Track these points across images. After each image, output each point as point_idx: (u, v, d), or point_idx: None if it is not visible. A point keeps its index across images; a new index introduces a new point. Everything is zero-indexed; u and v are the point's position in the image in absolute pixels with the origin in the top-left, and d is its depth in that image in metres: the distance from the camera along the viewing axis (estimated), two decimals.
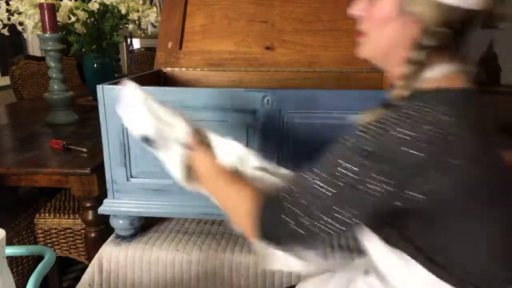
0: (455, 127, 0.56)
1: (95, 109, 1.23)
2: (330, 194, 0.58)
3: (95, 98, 1.34)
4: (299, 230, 0.60)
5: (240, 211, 0.69)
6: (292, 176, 0.69)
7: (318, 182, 0.59)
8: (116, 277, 1.20)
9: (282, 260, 0.78)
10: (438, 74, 0.63)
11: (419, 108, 0.57)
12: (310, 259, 0.76)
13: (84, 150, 1.37)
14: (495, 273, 0.62)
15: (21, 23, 1.89)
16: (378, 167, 0.56)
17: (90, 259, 1.28)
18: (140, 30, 2.28)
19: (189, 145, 0.77)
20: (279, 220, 0.61)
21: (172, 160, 0.79)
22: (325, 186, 0.59)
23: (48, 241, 1.57)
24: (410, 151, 0.55)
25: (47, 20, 1.65)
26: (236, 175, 0.74)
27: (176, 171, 0.79)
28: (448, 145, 0.55)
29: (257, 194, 0.67)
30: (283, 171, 0.79)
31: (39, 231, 1.57)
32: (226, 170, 0.75)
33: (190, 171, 0.79)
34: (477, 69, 0.67)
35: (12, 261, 1.47)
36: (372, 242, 0.70)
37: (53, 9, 1.66)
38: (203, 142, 0.79)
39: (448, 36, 0.61)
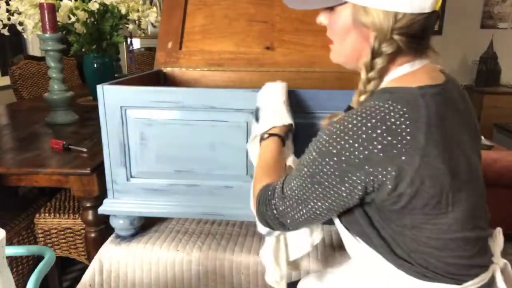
0: (405, 124, 0.60)
1: (95, 109, 1.23)
2: (305, 191, 0.67)
3: (95, 98, 1.35)
4: (283, 220, 0.72)
5: (252, 200, 0.80)
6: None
7: (296, 181, 0.68)
8: (116, 277, 1.20)
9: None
10: (397, 75, 0.68)
11: (372, 107, 0.62)
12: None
13: (84, 150, 1.37)
14: (452, 263, 0.67)
15: (21, 23, 1.89)
16: (338, 165, 0.62)
17: (90, 259, 1.28)
18: (140, 30, 2.27)
19: (272, 132, 0.89)
20: (268, 212, 0.73)
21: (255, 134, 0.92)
22: (301, 185, 0.67)
23: (48, 241, 1.57)
24: (365, 146, 0.60)
25: (47, 20, 1.65)
26: (277, 169, 0.82)
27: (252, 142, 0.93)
28: (398, 141, 0.59)
29: (263, 187, 0.76)
30: None
31: (39, 231, 1.57)
32: (275, 162, 0.84)
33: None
34: (441, 66, 0.73)
35: (12, 261, 1.47)
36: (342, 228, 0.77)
37: (53, 9, 1.66)
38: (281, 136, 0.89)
39: (403, 42, 0.65)
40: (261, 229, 0.87)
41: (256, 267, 1.15)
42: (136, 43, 3.89)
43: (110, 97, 1.08)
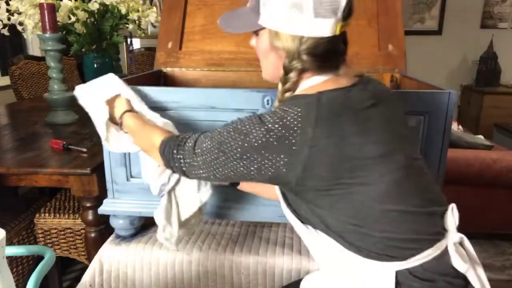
0: (297, 121, 0.72)
1: None
2: (211, 154, 0.78)
3: None
4: (186, 170, 0.84)
5: (152, 147, 0.90)
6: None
7: (207, 144, 0.80)
8: (116, 277, 1.20)
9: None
10: (305, 86, 0.80)
11: (278, 108, 0.75)
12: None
13: (84, 150, 1.37)
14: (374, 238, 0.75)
15: (21, 23, 1.89)
16: (241, 143, 0.75)
17: (90, 259, 1.28)
18: (140, 30, 2.27)
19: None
20: (173, 155, 0.84)
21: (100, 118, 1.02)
22: (210, 148, 0.79)
23: (48, 241, 1.57)
24: (264, 134, 0.73)
25: (47, 20, 1.65)
26: (151, 126, 0.96)
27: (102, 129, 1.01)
28: (290, 134, 0.72)
29: (165, 136, 0.88)
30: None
31: (39, 231, 1.57)
32: (145, 124, 0.96)
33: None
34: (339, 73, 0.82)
35: (12, 261, 1.47)
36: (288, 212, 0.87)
37: (53, 9, 1.66)
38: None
39: (309, 60, 0.77)
40: (153, 190, 1.02)
41: (256, 267, 1.15)
42: (136, 43, 3.89)
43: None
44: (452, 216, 0.80)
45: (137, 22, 2.16)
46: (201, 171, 0.81)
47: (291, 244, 1.21)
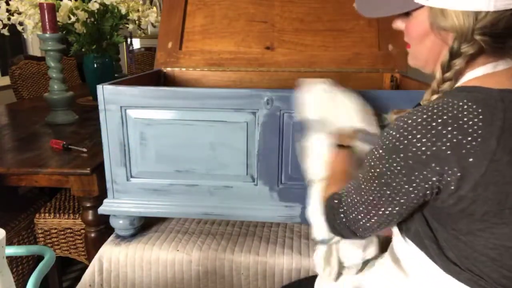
0: (478, 125, 0.56)
1: (95, 109, 1.23)
2: (373, 194, 0.64)
3: (95, 98, 1.34)
4: (353, 228, 0.70)
5: (322, 203, 0.79)
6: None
7: (364, 185, 0.66)
8: (116, 277, 1.20)
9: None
10: (476, 75, 0.64)
11: (445, 103, 0.58)
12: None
13: (84, 150, 1.37)
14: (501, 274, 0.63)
15: (21, 23, 1.89)
16: (404, 162, 0.59)
17: (90, 259, 1.28)
18: (140, 30, 2.28)
19: (338, 140, 0.89)
20: (337, 220, 0.72)
21: (318, 144, 0.91)
22: (367, 189, 0.65)
23: (48, 241, 1.57)
24: (433, 142, 0.56)
25: (47, 20, 1.65)
26: (344, 178, 0.81)
27: (316, 154, 0.91)
28: (468, 141, 0.56)
29: (330, 195, 0.75)
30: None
31: (39, 231, 1.57)
32: (344, 172, 0.83)
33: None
34: None
35: (12, 261, 1.47)
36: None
37: (53, 9, 1.66)
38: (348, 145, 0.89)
39: (487, 42, 0.61)
40: (317, 235, 0.88)
41: (256, 267, 1.15)
42: (136, 43, 3.90)
43: (110, 97, 1.08)
44: None
45: (137, 22, 2.16)
46: (368, 220, 0.67)
47: (291, 244, 1.21)
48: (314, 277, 0.99)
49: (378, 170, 0.62)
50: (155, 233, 1.26)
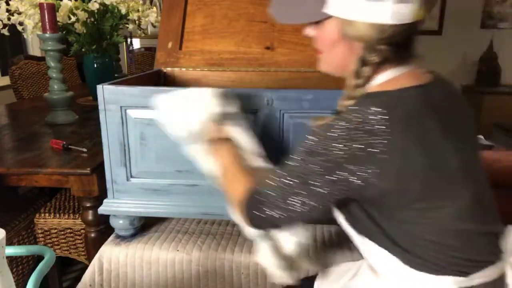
0: (385, 125, 0.63)
1: (95, 109, 1.23)
2: (293, 186, 0.68)
3: (95, 98, 1.34)
4: (273, 220, 0.72)
5: (234, 202, 0.81)
6: (271, 170, 0.79)
7: (285, 180, 0.70)
8: (116, 277, 1.20)
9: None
10: (381, 80, 0.71)
11: (354, 111, 0.65)
12: (298, 234, 0.91)
13: (84, 150, 1.37)
14: (447, 257, 0.69)
15: (21, 23, 1.89)
16: (324, 163, 0.65)
17: (90, 259, 1.28)
18: (140, 30, 2.28)
19: (211, 138, 0.90)
20: (257, 211, 0.73)
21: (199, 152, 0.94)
22: (289, 181, 0.69)
23: (48, 241, 1.57)
24: (348, 146, 0.63)
25: (47, 20, 1.65)
26: (242, 168, 0.85)
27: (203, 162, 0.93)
28: (379, 141, 0.62)
29: (245, 188, 0.77)
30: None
31: (39, 231, 1.57)
32: (237, 162, 0.86)
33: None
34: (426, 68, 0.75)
35: (12, 261, 1.47)
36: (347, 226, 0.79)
37: (53, 9, 1.66)
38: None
39: (389, 51, 0.68)
40: (250, 233, 0.89)
41: (256, 267, 1.15)
42: (136, 43, 3.89)
43: (110, 97, 1.08)
44: (510, 237, 0.75)
45: (137, 22, 2.16)
46: (286, 213, 0.71)
47: None
48: (314, 277, 0.99)
49: (300, 169, 0.67)
50: (155, 233, 1.26)
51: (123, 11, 2.00)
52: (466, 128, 0.74)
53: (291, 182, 0.69)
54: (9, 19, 1.85)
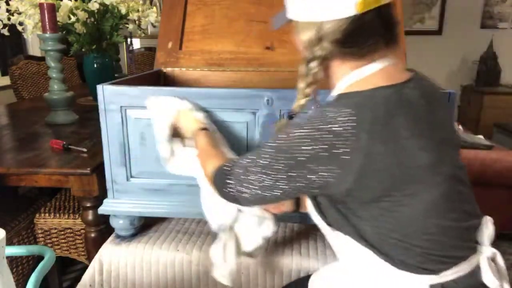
0: (351, 126, 0.64)
1: (95, 109, 1.23)
2: (257, 177, 0.72)
3: (95, 98, 1.34)
4: (238, 197, 0.77)
5: (207, 176, 0.86)
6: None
7: (252, 166, 0.73)
8: (116, 277, 1.20)
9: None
10: (351, 81, 0.71)
11: (321, 112, 0.67)
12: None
13: (84, 150, 1.37)
14: (415, 251, 0.69)
15: (21, 23, 1.89)
16: (287, 160, 0.68)
17: (90, 259, 1.28)
18: (140, 30, 2.27)
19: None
20: (224, 184, 0.78)
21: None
22: (255, 173, 0.72)
23: (48, 241, 1.57)
24: (312, 146, 0.65)
25: (47, 20, 1.65)
26: (216, 149, 0.92)
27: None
28: (342, 142, 0.64)
29: (217, 164, 0.82)
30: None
31: (39, 231, 1.57)
32: (213, 148, 0.92)
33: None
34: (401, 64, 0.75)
35: (12, 261, 1.47)
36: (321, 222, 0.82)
37: (53, 9, 1.66)
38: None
39: (336, 47, 0.69)
40: (213, 226, 0.98)
41: (256, 267, 1.15)
42: (136, 43, 3.89)
43: (110, 97, 1.08)
44: (487, 230, 0.76)
45: (137, 22, 2.16)
46: (250, 194, 0.74)
47: (291, 244, 1.21)
48: (308, 277, 0.99)
49: (264, 162, 0.71)
50: (155, 233, 1.26)
51: (123, 11, 2.00)
52: (442, 126, 0.74)
53: (260, 173, 0.71)
54: (9, 19, 1.85)
